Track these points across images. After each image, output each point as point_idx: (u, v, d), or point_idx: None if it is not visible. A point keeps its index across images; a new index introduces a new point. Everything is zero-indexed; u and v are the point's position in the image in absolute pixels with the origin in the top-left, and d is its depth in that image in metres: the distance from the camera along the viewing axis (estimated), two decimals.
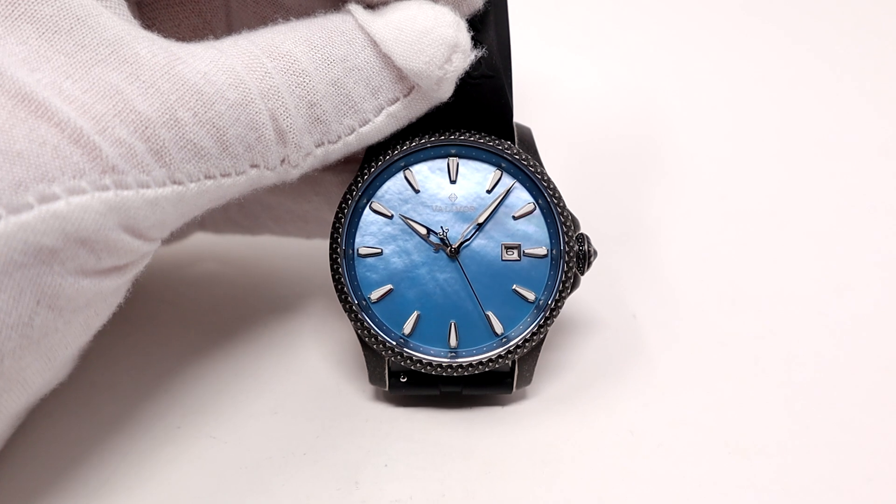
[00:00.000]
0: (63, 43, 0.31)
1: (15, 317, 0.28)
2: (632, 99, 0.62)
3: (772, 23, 0.64)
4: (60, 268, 0.29)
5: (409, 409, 0.41)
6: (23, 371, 0.30)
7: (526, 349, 0.39)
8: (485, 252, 0.39)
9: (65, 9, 0.31)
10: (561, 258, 0.39)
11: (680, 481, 0.37)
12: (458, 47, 0.36)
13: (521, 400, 0.41)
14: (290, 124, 0.34)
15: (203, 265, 0.50)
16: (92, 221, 0.29)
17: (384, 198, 0.40)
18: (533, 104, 0.59)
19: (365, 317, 0.39)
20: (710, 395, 0.41)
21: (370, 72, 0.36)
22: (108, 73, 0.31)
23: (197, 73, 0.32)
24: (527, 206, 0.40)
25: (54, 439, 0.39)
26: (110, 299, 0.33)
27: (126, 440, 0.39)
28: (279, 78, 0.34)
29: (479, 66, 0.38)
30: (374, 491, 0.37)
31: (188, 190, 0.32)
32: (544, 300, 0.39)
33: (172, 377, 0.42)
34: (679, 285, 0.48)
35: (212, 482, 0.37)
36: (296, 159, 0.35)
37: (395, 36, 0.35)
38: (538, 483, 0.37)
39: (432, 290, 0.39)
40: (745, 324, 0.46)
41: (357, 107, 0.36)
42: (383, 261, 0.39)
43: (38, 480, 0.37)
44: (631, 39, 0.68)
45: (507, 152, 0.39)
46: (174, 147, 0.31)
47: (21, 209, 0.28)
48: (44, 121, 0.29)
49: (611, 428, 0.40)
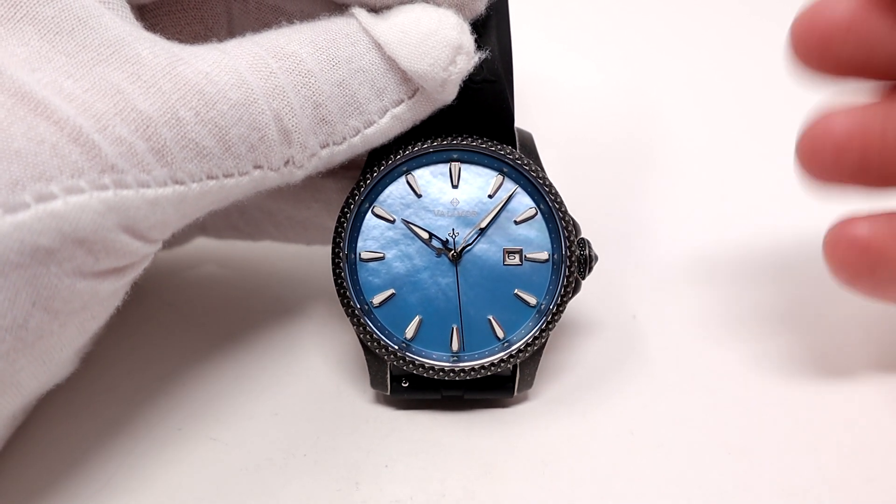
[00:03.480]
0: (64, 43, 0.30)
1: (10, 318, 0.27)
2: (632, 100, 0.61)
3: (772, 22, 0.64)
4: (57, 269, 0.28)
5: (410, 410, 0.40)
6: (17, 374, 0.29)
7: (528, 353, 0.38)
8: (486, 257, 0.38)
9: (66, 10, 0.30)
10: (562, 263, 0.38)
11: (680, 481, 0.36)
12: (461, 49, 0.35)
13: (521, 401, 0.40)
14: (295, 124, 0.33)
15: (204, 268, 0.49)
16: (90, 221, 0.28)
17: (386, 202, 0.39)
18: (532, 106, 0.59)
19: (367, 321, 0.38)
20: (710, 395, 0.40)
21: (375, 73, 0.35)
22: (110, 72, 0.30)
23: (199, 73, 0.31)
24: (528, 211, 0.39)
25: (55, 441, 0.38)
26: (108, 302, 0.32)
27: (127, 442, 0.38)
28: (284, 78, 0.33)
29: (480, 70, 0.37)
30: (374, 491, 0.36)
31: (190, 190, 0.31)
32: (546, 305, 0.38)
33: (173, 379, 0.41)
34: (679, 286, 0.47)
35: (212, 484, 0.36)
36: (301, 160, 0.34)
37: (399, 38, 0.34)
38: (538, 483, 0.36)
39: (434, 295, 0.38)
40: (745, 324, 0.45)
41: (362, 108, 0.35)
42: (385, 265, 0.38)
43: (38, 482, 0.36)
44: (631, 41, 0.67)
45: (509, 157, 0.38)
46: (175, 146, 0.30)
47: (18, 208, 0.26)
48: (42, 119, 0.28)
49: (611, 428, 0.39)
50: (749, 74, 0.62)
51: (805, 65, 0.35)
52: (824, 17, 0.34)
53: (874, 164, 0.35)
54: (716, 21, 0.68)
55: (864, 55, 0.34)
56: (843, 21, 0.33)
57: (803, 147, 0.36)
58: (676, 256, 0.50)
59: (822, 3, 0.34)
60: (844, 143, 0.35)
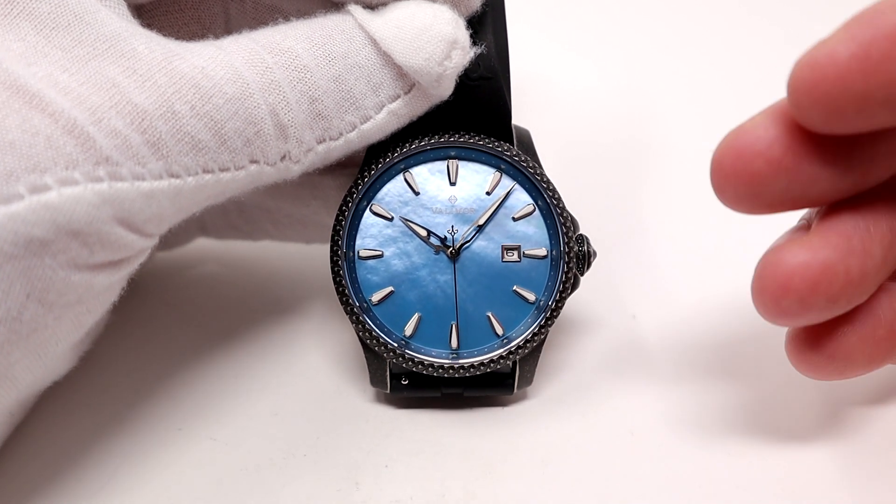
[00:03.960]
0: (60, 38, 0.30)
1: (4, 310, 0.27)
2: (630, 99, 0.61)
3: (771, 22, 0.64)
4: (52, 260, 0.28)
5: (410, 409, 0.40)
6: (11, 367, 0.29)
7: (527, 350, 0.38)
8: (485, 254, 0.38)
9: (63, 6, 0.30)
10: (561, 259, 0.38)
11: (680, 481, 0.36)
12: (456, 44, 0.35)
13: (520, 400, 0.40)
14: (291, 118, 0.33)
15: (204, 267, 0.49)
16: (84, 213, 0.28)
17: (384, 200, 0.39)
18: (530, 104, 0.58)
19: (366, 319, 0.38)
20: (710, 395, 0.40)
21: (371, 69, 0.35)
22: (105, 66, 0.30)
23: (195, 67, 0.31)
24: (526, 208, 0.38)
25: (55, 440, 0.38)
26: (103, 296, 0.32)
27: (127, 442, 0.38)
28: (280, 73, 0.33)
29: (477, 67, 0.37)
30: (374, 491, 0.36)
31: (185, 183, 0.31)
32: (545, 301, 0.38)
33: (173, 379, 0.41)
34: (679, 285, 0.47)
35: (212, 484, 0.36)
36: (297, 155, 0.34)
37: (394, 34, 0.34)
38: (538, 483, 0.36)
39: (433, 292, 0.38)
40: (745, 324, 0.44)
41: (358, 103, 0.35)
42: (384, 263, 0.38)
43: (38, 482, 0.36)
44: (628, 40, 0.67)
45: (507, 154, 0.38)
46: (171, 139, 0.30)
47: (12, 199, 0.26)
48: (37, 111, 0.28)
49: (611, 428, 0.39)
50: (747, 73, 0.62)
51: (730, 204, 0.32)
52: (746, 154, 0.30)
53: (843, 300, 0.31)
54: (714, 20, 0.68)
55: (794, 193, 0.31)
56: (766, 161, 0.30)
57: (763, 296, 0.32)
58: (676, 256, 0.49)
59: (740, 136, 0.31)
60: (808, 296, 0.31)
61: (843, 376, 0.34)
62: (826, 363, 0.33)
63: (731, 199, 0.32)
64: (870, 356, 0.33)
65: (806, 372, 0.34)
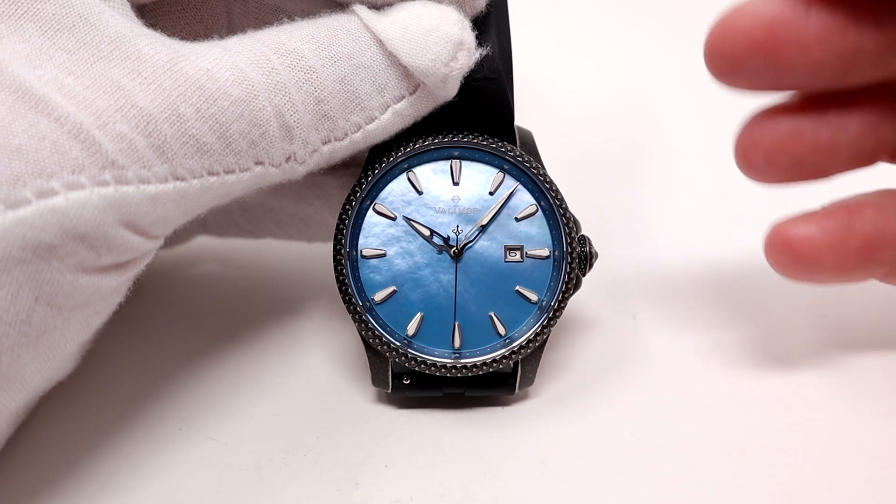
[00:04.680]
0: (65, 40, 0.30)
1: (13, 313, 0.27)
2: (632, 99, 0.61)
3: None
4: (59, 264, 0.28)
5: (410, 410, 0.40)
6: (21, 369, 0.29)
7: (529, 350, 0.38)
8: (488, 254, 0.38)
9: (67, 7, 0.30)
10: (563, 259, 0.38)
11: (680, 481, 0.36)
12: (462, 45, 0.35)
13: (521, 400, 0.40)
14: (296, 120, 0.33)
15: (205, 266, 0.49)
16: (91, 217, 0.28)
17: (387, 199, 0.38)
18: (533, 106, 0.59)
19: (369, 318, 0.38)
20: (710, 395, 0.40)
21: (376, 69, 0.35)
22: (110, 69, 0.30)
23: (199, 69, 0.31)
24: (529, 208, 0.38)
25: (56, 441, 0.38)
26: (110, 298, 0.32)
27: (127, 442, 0.38)
28: (285, 74, 0.33)
29: (481, 68, 0.37)
30: (374, 491, 0.35)
31: (191, 186, 0.31)
32: (547, 301, 0.38)
33: (173, 379, 0.41)
34: (679, 285, 0.47)
35: (213, 483, 0.36)
36: (302, 156, 0.34)
37: (400, 34, 0.34)
38: (538, 483, 0.36)
39: (436, 292, 0.38)
40: (745, 324, 0.45)
41: (364, 104, 0.35)
42: (387, 262, 0.38)
43: (39, 482, 0.35)
44: (630, 39, 0.67)
45: (510, 154, 0.38)
46: (176, 142, 0.30)
47: (19, 204, 0.26)
48: (43, 116, 0.28)
49: (611, 428, 0.38)
50: None
51: (722, 80, 0.35)
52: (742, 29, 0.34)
53: (807, 165, 0.35)
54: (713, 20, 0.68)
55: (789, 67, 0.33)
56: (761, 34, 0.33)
57: (738, 149, 0.37)
58: (676, 256, 0.49)
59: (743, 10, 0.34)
60: (774, 153, 0.35)
61: (814, 280, 0.37)
62: (794, 262, 0.36)
63: (722, 68, 0.35)
64: (839, 264, 0.36)
65: (777, 268, 0.37)
